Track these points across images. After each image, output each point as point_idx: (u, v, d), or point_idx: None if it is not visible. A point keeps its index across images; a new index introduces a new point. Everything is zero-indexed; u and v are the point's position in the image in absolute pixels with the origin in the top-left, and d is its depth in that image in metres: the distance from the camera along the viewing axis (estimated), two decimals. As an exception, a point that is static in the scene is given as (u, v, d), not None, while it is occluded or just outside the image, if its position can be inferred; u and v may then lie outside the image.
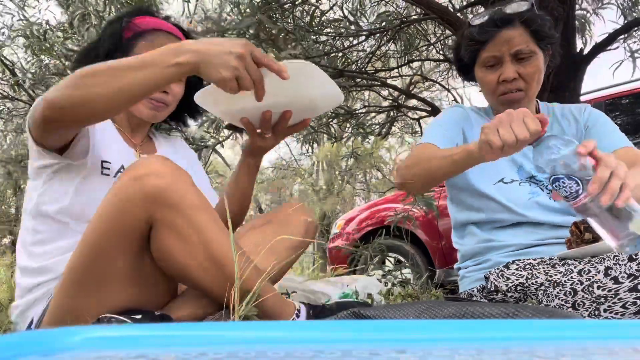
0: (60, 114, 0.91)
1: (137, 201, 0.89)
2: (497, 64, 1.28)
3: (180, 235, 0.92)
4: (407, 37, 3.36)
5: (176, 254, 0.93)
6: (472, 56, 1.32)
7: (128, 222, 0.91)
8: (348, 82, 3.25)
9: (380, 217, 3.78)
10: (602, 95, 3.65)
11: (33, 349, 0.36)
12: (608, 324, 0.47)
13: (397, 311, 0.92)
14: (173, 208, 0.90)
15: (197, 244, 0.92)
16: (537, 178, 1.30)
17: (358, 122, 3.69)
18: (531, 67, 1.27)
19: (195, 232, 0.92)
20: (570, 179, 0.88)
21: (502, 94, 1.30)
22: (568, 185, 0.89)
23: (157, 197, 0.89)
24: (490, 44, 1.27)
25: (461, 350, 0.38)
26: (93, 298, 0.95)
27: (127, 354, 0.35)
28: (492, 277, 1.21)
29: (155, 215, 0.91)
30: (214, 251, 0.92)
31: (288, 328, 0.41)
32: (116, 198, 0.92)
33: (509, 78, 1.26)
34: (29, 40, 3.38)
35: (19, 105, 4.25)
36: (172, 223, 0.91)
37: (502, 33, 1.25)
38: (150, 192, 0.89)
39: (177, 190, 0.91)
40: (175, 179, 0.91)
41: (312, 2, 3.01)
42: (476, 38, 1.28)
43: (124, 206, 0.91)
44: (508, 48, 1.25)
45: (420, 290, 2.03)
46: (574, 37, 2.62)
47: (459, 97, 4.27)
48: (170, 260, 0.95)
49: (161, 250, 0.94)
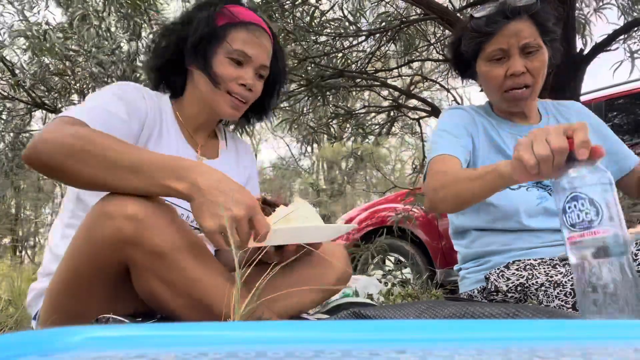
0: (40, 167, 0.87)
1: (112, 244, 0.84)
2: (504, 58, 1.24)
3: (162, 279, 0.86)
4: (407, 37, 3.35)
5: (160, 296, 0.88)
6: (475, 49, 1.27)
7: (103, 262, 0.87)
8: (348, 82, 3.25)
9: (380, 217, 3.78)
10: (602, 95, 3.65)
11: (33, 349, 0.36)
12: (608, 324, 0.47)
13: (397, 311, 0.92)
14: (151, 252, 0.84)
15: (180, 286, 0.86)
16: (544, 182, 1.27)
17: (358, 122, 3.69)
18: (538, 61, 1.23)
19: (178, 275, 0.86)
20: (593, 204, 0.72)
21: (509, 89, 1.25)
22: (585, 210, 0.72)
23: (132, 242, 0.83)
24: (498, 36, 1.22)
25: (461, 350, 0.38)
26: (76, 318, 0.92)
27: (127, 354, 0.35)
28: (492, 277, 1.21)
29: (132, 257, 0.86)
30: (199, 291, 0.87)
31: (288, 328, 0.41)
32: (88, 236, 0.86)
33: (518, 72, 1.21)
34: (29, 41, 3.38)
35: (19, 105, 4.25)
36: (151, 267, 0.86)
37: (510, 25, 1.21)
38: (124, 237, 0.83)
39: (154, 234, 0.84)
40: (152, 221, 0.83)
41: (312, 2, 3.01)
42: (483, 29, 1.23)
43: (96, 246, 0.85)
44: (517, 40, 1.21)
45: (420, 290, 2.03)
46: (574, 37, 2.62)
47: (459, 97, 4.27)
48: (155, 301, 0.90)
49: (144, 291, 0.89)
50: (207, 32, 1.10)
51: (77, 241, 0.89)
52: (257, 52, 1.13)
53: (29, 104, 4.04)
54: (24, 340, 0.37)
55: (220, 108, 1.14)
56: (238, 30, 1.12)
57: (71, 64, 3.62)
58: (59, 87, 3.97)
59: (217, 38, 1.10)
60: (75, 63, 3.62)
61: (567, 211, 0.74)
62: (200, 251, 0.90)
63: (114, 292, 0.92)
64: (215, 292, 0.86)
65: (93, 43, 3.28)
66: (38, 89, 3.89)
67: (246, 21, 1.13)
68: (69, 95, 4.28)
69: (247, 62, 1.13)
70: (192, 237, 0.90)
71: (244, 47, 1.11)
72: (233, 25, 1.12)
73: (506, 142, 1.31)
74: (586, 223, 0.71)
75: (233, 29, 1.11)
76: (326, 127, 3.72)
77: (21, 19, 3.63)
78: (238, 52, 1.11)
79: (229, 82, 1.12)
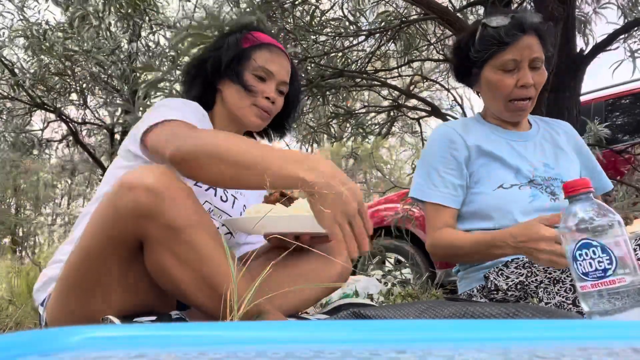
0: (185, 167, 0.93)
1: (128, 216, 0.87)
2: (514, 69, 1.30)
3: (173, 253, 0.90)
4: (407, 37, 3.35)
5: (169, 270, 0.91)
6: (486, 57, 1.32)
7: (119, 235, 0.90)
8: (348, 82, 3.25)
9: (380, 217, 3.78)
10: (602, 95, 3.65)
11: (33, 349, 0.36)
12: (608, 324, 0.47)
13: (397, 311, 0.92)
14: (166, 226, 0.87)
15: (191, 262, 0.90)
16: (537, 181, 1.30)
17: (358, 122, 3.68)
18: (541, 76, 1.31)
19: (190, 251, 0.89)
20: (605, 251, 0.69)
21: (516, 99, 1.31)
22: (598, 259, 0.69)
23: (148, 214, 0.87)
24: (512, 48, 1.28)
25: (461, 350, 0.38)
26: (89, 303, 0.95)
27: (127, 354, 0.35)
28: (491, 276, 1.21)
29: (147, 232, 0.89)
30: (208, 270, 0.90)
31: (288, 328, 0.41)
32: (108, 209, 0.90)
33: (528, 83, 1.28)
34: (29, 41, 3.38)
35: (19, 105, 4.25)
36: (164, 240, 0.89)
37: (524, 38, 1.28)
38: (142, 209, 0.86)
39: (171, 207, 0.87)
40: (170, 194, 0.88)
41: (312, 2, 3.01)
42: (502, 39, 1.28)
43: (114, 219, 0.89)
44: (529, 54, 1.28)
45: (420, 290, 2.04)
46: (574, 37, 2.62)
47: (459, 97, 4.27)
48: (163, 276, 0.93)
49: (154, 266, 0.93)
50: (236, 53, 1.27)
51: (97, 212, 0.93)
52: (278, 69, 1.28)
53: (29, 104, 4.04)
54: (24, 340, 0.37)
55: (248, 118, 1.27)
56: (262, 50, 1.28)
57: (71, 63, 3.62)
58: (58, 87, 3.97)
59: (245, 57, 1.27)
60: (75, 63, 3.62)
61: (578, 259, 0.71)
62: (213, 232, 0.93)
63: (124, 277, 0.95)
64: (224, 273, 0.88)
65: (93, 43, 3.28)
66: (38, 88, 3.89)
67: (267, 43, 1.30)
68: (69, 95, 4.28)
69: (269, 78, 1.28)
70: (206, 216, 0.94)
71: (267, 64, 1.27)
72: (257, 46, 1.28)
73: (500, 148, 1.36)
74: (600, 272, 0.69)
75: (257, 49, 1.28)
76: (326, 127, 3.72)
77: (21, 19, 3.62)
78: (262, 68, 1.26)
79: (255, 95, 1.26)
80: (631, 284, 0.68)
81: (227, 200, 1.26)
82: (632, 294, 0.68)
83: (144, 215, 0.87)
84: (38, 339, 0.37)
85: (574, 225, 0.72)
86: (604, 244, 0.69)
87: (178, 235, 0.88)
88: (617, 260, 0.68)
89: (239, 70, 1.26)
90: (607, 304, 0.69)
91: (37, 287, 1.10)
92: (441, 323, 0.43)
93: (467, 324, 0.42)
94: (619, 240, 0.69)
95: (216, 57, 1.28)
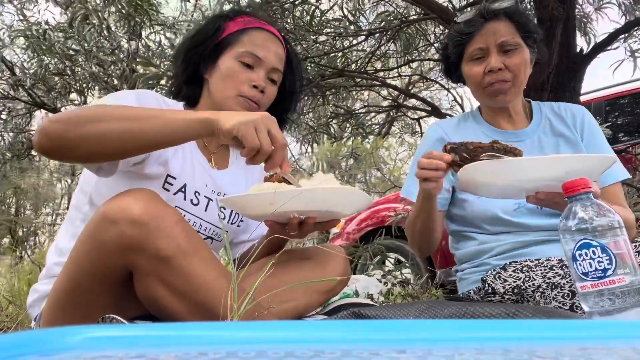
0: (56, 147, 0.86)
1: (114, 250, 0.84)
2: (483, 57, 1.29)
3: (165, 284, 0.86)
4: (406, 37, 3.35)
5: (161, 301, 0.87)
6: (459, 52, 1.33)
7: (106, 268, 0.87)
8: (348, 82, 3.25)
9: (380, 217, 3.77)
10: (602, 95, 3.65)
11: (33, 349, 0.36)
12: (608, 324, 0.47)
13: (397, 311, 0.92)
14: (154, 257, 0.83)
15: (184, 292, 0.86)
16: None
17: (358, 122, 3.68)
18: (517, 58, 1.27)
19: (182, 280, 0.85)
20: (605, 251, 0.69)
21: (488, 84, 1.29)
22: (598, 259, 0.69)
23: (135, 247, 0.83)
24: (477, 36, 1.29)
25: (461, 350, 0.38)
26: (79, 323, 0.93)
27: (127, 354, 0.35)
28: (489, 279, 1.21)
29: (135, 263, 0.85)
30: (203, 298, 0.86)
31: (288, 328, 0.41)
32: (92, 243, 0.86)
33: (495, 68, 1.26)
34: (29, 41, 3.38)
35: (19, 105, 4.24)
36: (154, 272, 0.85)
37: (488, 25, 1.28)
38: (127, 243, 0.82)
39: (158, 237, 0.83)
40: (156, 224, 0.83)
41: (312, 2, 3.01)
42: (464, 31, 1.30)
43: (99, 252, 0.85)
44: (494, 39, 1.27)
45: (421, 291, 2.03)
46: (574, 37, 2.62)
47: (459, 97, 4.27)
48: (155, 305, 0.90)
49: (146, 296, 0.89)
50: (218, 39, 1.16)
51: (81, 245, 0.89)
52: (267, 55, 1.16)
53: (29, 104, 4.04)
54: (24, 340, 0.37)
55: (233, 109, 1.14)
56: (248, 34, 1.16)
57: (71, 63, 3.62)
58: (59, 86, 3.97)
59: (229, 43, 1.15)
60: (76, 63, 3.62)
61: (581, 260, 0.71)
62: (207, 256, 0.89)
63: (116, 298, 0.92)
64: (219, 296, 0.84)
65: (93, 43, 3.28)
66: (38, 88, 3.89)
67: (255, 27, 1.18)
68: (69, 95, 4.28)
69: (257, 65, 1.16)
70: (198, 240, 0.89)
71: (254, 49, 1.15)
72: (243, 30, 1.16)
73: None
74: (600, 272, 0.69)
75: (243, 34, 1.16)
76: (326, 126, 3.72)
77: (21, 19, 3.62)
78: (248, 53, 1.14)
79: (240, 84, 1.14)
80: (631, 284, 0.69)
81: (198, 204, 1.13)
82: (632, 293, 0.69)
83: (131, 248, 0.83)
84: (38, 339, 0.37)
85: (573, 225, 0.72)
86: (603, 244, 0.69)
87: (168, 265, 0.84)
88: (617, 260, 0.68)
89: (222, 56, 1.15)
90: (607, 303, 0.69)
91: (30, 303, 1.07)
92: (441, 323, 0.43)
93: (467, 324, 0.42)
94: (619, 240, 0.70)
95: (200, 42, 1.18)
